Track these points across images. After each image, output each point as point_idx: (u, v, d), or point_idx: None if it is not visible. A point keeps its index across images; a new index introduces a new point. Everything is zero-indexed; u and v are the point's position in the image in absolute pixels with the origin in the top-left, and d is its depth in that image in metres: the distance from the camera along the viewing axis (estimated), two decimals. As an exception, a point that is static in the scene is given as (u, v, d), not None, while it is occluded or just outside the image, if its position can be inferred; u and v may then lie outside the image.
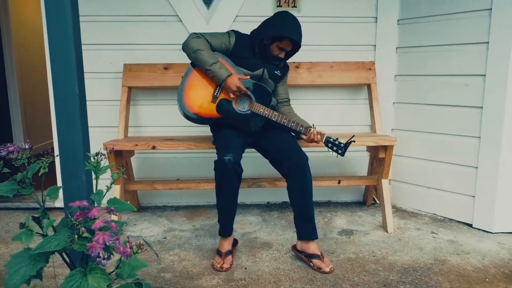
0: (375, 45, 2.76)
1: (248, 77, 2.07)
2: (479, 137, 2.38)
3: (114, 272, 1.14)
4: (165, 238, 2.35)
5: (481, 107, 2.36)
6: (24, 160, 1.13)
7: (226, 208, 2.02)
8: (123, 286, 1.15)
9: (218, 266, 1.95)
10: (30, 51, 4.44)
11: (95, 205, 1.14)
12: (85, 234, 1.00)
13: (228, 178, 1.92)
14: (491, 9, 2.25)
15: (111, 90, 2.73)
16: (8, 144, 1.11)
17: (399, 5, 2.68)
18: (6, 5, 3.99)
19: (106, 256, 1.15)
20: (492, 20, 2.25)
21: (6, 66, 4.09)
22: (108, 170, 1.22)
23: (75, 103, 1.43)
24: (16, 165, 1.12)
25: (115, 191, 2.40)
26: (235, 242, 2.14)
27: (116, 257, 1.13)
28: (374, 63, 2.73)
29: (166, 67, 2.66)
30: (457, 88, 2.46)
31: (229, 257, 2.00)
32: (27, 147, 1.12)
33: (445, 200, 2.60)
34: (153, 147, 2.30)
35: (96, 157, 1.17)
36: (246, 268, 1.98)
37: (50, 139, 4.74)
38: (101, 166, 1.20)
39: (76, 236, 1.02)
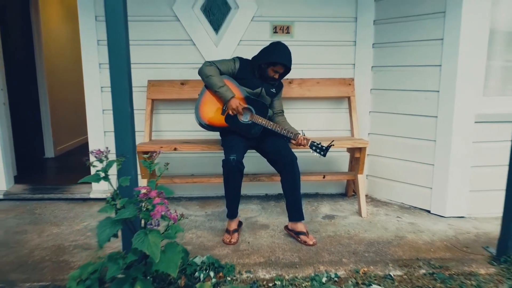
0: (354, 64, 3.35)
1: (245, 106, 2.65)
2: (435, 141, 2.97)
3: (163, 234, 1.73)
4: (187, 219, 2.94)
5: (436, 117, 2.94)
6: (104, 159, 1.71)
7: (232, 196, 2.61)
8: (169, 244, 1.74)
9: (227, 240, 2.55)
10: (57, 63, 5.03)
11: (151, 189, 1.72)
12: (149, 207, 1.58)
13: (232, 173, 2.51)
14: (442, 39, 2.84)
15: (136, 101, 3.28)
16: (96, 149, 1.69)
17: (373, 32, 3.26)
18: (38, 22, 4.57)
19: (157, 224, 1.73)
20: (443, 48, 2.84)
21: (38, 79, 4.68)
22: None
23: (128, 119, 2.00)
24: (101, 163, 1.70)
25: (143, 184, 2.98)
26: (240, 224, 2.73)
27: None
28: (353, 79, 3.31)
29: (183, 82, 3.24)
30: (419, 101, 3.05)
31: (236, 234, 2.60)
32: (107, 151, 1.70)
33: (410, 191, 3.19)
34: (175, 149, 2.89)
35: (150, 157, 1.75)
36: (249, 242, 2.57)
37: (72, 140, 5.35)
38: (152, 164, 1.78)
39: (143, 208, 1.61)
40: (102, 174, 1.69)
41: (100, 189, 3.44)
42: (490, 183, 2.90)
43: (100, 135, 3.37)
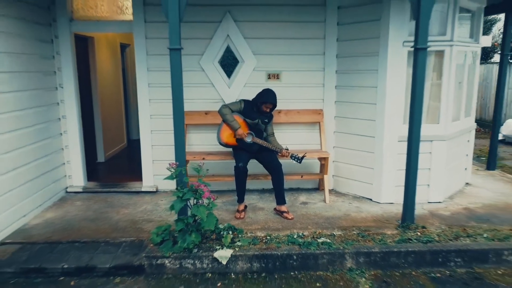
0: (323, 99, 4.87)
1: (246, 133, 4.17)
2: (373, 152, 4.50)
3: (207, 207, 3.25)
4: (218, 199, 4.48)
5: (374, 137, 4.47)
6: (175, 168, 3.24)
7: (241, 189, 4.14)
8: (209, 213, 3.26)
9: (238, 216, 4.09)
10: (106, 91, 6.59)
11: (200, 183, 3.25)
12: (201, 192, 3.11)
13: (241, 174, 4.04)
14: (376, 86, 4.36)
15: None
16: (171, 162, 3.21)
17: (336, 78, 4.79)
18: (94, 61, 6.12)
19: (202, 202, 3.26)
20: (377, 92, 4.36)
21: (93, 101, 6.23)
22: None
23: (183, 144, 3.51)
24: (173, 170, 3.23)
25: (181, 181, 4.52)
26: (245, 207, 4.27)
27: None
28: (322, 110, 4.84)
29: (206, 112, 4.77)
30: (364, 126, 4.57)
31: (243, 213, 4.14)
32: (176, 163, 3.23)
33: (360, 186, 4.72)
34: (203, 158, 4.43)
35: (199, 165, 3.29)
36: (251, 218, 4.10)
37: (116, 147, 6.89)
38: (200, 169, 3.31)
39: (197, 193, 3.14)
40: (174, 176, 3.23)
41: (148, 185, 4.98)
42: (409, 180, 4.42)
43: (149, 147, 4.90)
